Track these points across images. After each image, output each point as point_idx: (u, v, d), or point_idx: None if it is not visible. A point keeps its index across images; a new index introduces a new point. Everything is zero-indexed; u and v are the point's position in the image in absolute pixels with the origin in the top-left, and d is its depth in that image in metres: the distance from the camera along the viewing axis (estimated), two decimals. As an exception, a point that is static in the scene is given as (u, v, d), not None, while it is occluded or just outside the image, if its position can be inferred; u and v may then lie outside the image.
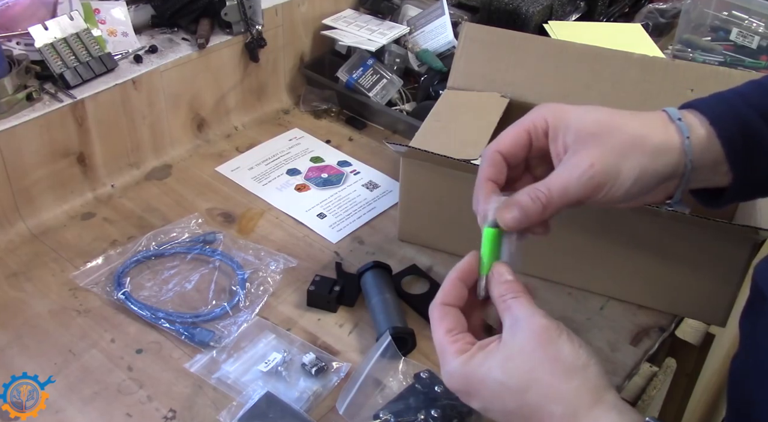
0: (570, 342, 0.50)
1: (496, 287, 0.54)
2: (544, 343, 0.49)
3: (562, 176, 0.54)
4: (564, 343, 0.49)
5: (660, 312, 0.89)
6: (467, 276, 0.56)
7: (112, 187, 1.07)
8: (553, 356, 0.49)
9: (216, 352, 0.81)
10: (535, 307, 0.52)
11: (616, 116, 0.55)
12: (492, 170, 0.57)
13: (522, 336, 0.50)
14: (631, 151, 0.53)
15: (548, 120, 0.56)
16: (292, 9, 1.25)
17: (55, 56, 0.98)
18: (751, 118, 0.54)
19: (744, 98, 0.56)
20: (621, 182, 0.53)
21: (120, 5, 1.08)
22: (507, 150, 0.57)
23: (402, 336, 0.80)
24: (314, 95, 1.28)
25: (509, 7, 1.29)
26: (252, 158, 1.16)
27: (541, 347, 0.49)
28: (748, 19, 1.33)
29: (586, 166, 0.53)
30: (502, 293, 0.53)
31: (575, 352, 0.49)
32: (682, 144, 0.53)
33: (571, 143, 0.54)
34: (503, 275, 0.55)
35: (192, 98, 1.15)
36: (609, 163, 0.53)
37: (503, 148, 0.57)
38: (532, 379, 0.49)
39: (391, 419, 0.72)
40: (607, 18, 1.45)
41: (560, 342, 0.49)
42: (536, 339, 0.50)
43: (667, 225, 0.82)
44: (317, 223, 1.02)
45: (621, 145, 0.53)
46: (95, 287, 0.89)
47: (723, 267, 0.83)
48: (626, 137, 0.53)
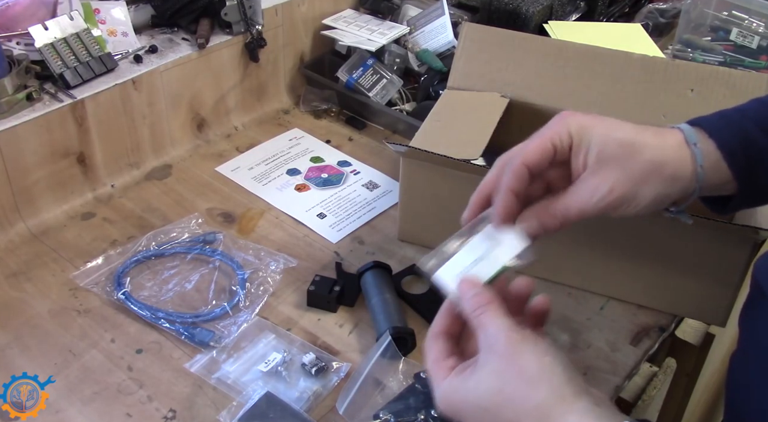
0: (534, 354, 0.50)
1: (466, 304, 0.54)
2: (510, 358, 0.50)
3: (582, 197, 0.57)
4: (528, 355, 0.50)
5: (660, 312, 0.89)
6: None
7: (112, 187, 1.07)
8: (518, 370, 0.49)
9: (216, 352, 0.81)
10: (503, 318, 0.52)
11: (638, 137, 0.57)
12: (517, 184, 0.58)
13: (491, 355, 0.51)
14: (649, 178, 0.56)
15: (572, 134, 0.57)
16: (292, 9, 1.25)
17: (55, 56, 0.98)
18: (752, 131, 0.57)
19: (743, 114, 0.59)
20: (635, 205, 0.57)
21: (120, 5, 1.08)
22: (533, 163, 0.58)
23: (402, 336, 0.81)
24: (314, 95, 1.28)
25: (509, 7, 1.29)
26: (252, 158, 1.16)
27: (507, 363, 0.50)
28: (748, 19, 1.33)
29: (605, 191, 0.56)
30: (471, 309, 0.53)
31: (539, 362, 0.49)
32: (695, 171, 0.57)
33: (592, 163, 0.57)
34: (470, 290, 0.55)
35: (192, 98, 1.15)
36: (627, 189, 0.56)
37: (530, 161, 0.58)
38: (503, 398, 0.49)
39: (391, 419, 0.72)
40: (607, 18, 1.45)
41: (524, 355, 0.50)
42: (502, 356, 0.50)
43: (667, 225, 0.82)
44: (317, 223, 1.02)
45: (641, 172, 0.56)
46: (95, 287, 0.89)
47: (723, 267, 0.83)
48: (646, 164, 0.56)
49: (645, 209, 0.57)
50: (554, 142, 0.58)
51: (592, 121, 0.58)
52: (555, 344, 0.52)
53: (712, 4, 1.35)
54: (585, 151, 0.57)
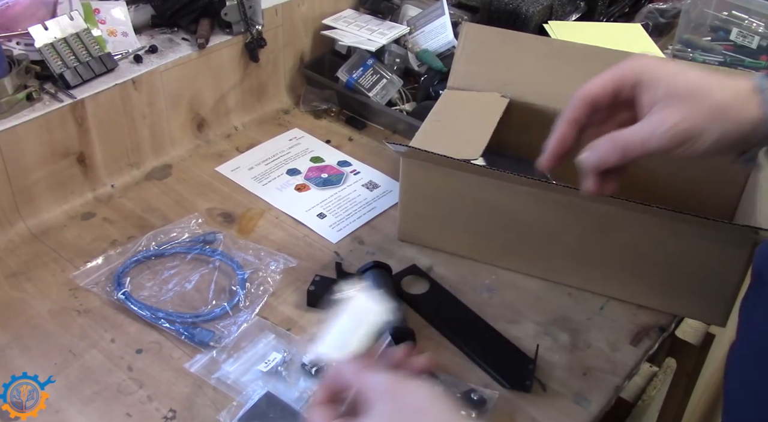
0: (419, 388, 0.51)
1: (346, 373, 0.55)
2: (397, 396, 0.51)
3: (646, 128, 0.56)
4: (413, 389, 0.51)
5: (660, 312, 0.89)
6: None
7: (112, 187, 1.07)
8: (406, 405, 0.50)
9: (216, 352, 0.81)
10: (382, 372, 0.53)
11: (706, 81, 0.57)
12: (574, 113, 0.59)
13: (378, 400, 0.51)
14: (716, 118, 0.56)
15: (639, 74, 0.58)
16: (292, 9, 1.25)
17: (55, 56, 0.98)
18: None
19: None
20: (701, 143, 0.56)
21: (120, 5, 1.08)
22: (594, 95, 0.59)
23: (402, 336, 0.80)
24: (314, 95, 1.28)
25: (509, 7, 1.29)
26: (252, 158, 1.16)
27: (394, 401, 0.51)
28: (748, 19, 1.33)
29: (671, 123, 0.56)
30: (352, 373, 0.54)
31: (426, 394, 0.51)
32: (762, 117, 0.56)
33: (660, 100, 0.57)
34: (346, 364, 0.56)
35: (192, 98, 1.15)
36: (693, 124, 0.55)
37: (590, 93, 0.59)
38: None
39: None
40: (607, 18, 1.45)
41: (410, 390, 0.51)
42: (389, 395, 0.51)
43: (667, 225, 0.82)
44: (317, 223, 1.02)
45: (708, 110, 0.56)
46: (95, 287, 0.89)
47: (723, 267, 0.83)
48: (714, 104, 0.56)
49: (709, 149, 0.56)
50: (618, 77, 0.59)
51: (661, 63, 0.59)
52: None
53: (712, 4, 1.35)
54: (653, 90, 0.57)
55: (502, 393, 0.77)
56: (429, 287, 0.91)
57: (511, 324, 0.86)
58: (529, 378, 0.78)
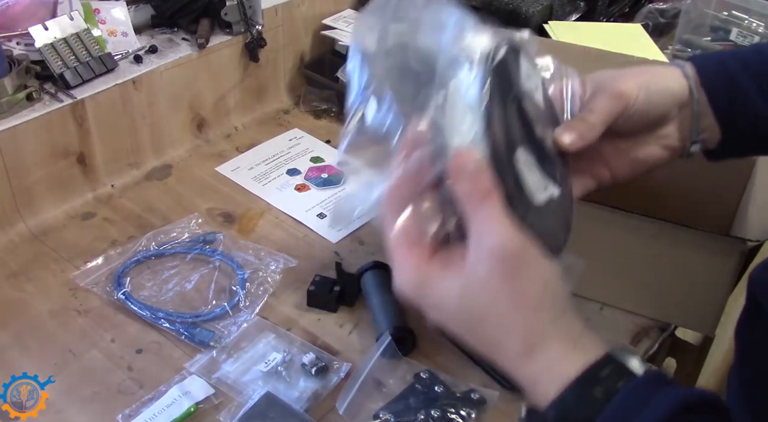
0: (538, 272, 0.46)
1: (459, 183, 0.46)
2: (509, 275, 0.45)
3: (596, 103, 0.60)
4: (530, 276, 0.45)
5: (655, 314, 0.89)
6: None
7: (112, 187, 1.07)
8: (516, 290, 0.45)
9: (216, 352, 0.81)
10: (502, 218, 0.45)
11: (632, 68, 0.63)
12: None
13: (485, 265, 0.45)
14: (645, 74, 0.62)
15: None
16: (292, 9, 1.25)
17: (55, 56, 0.98)
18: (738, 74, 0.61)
19: (737, 58, 0.62)
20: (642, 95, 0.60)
21: (120, 5, 1.08)
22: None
23: (402, 336, 0.81)
24: (314, 95, 1.28)
25: (509, 7, 1.29)
26: (252, 158, 1.16)
27: (504, 280, 0.45)
28: (748, 19, 1.33)
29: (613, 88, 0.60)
30: (466, 193, 0.45)
31: (543, 284, 0.46)
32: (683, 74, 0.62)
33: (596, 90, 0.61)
34: (467, 166, 0.45)
35: (192, 98, 1.15)
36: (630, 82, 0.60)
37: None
38: (490, 312, 0.45)
39: (391, 419, 0.72)
40: (607, 18, 1.45)
41: (526, 274, 0.45)
42: (500, 270, 0.45)
43: (657, 234, 0.82)
44: (317, 223, 1.02)
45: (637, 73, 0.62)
46: (95, 287, 0.89)
47: (712, 277, 0.82)
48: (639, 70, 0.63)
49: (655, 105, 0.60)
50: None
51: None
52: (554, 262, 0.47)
53: (712, 4, 1.35)
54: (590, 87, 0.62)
55: (502, 393, 0.77)
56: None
57: (511, 324, 0.86)
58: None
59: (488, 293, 0.45)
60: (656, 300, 0.88)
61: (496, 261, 0.44)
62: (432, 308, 0.47)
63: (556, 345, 0.45)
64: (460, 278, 0.46)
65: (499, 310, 0.45)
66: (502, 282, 0.45)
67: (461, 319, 0.47)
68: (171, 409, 0.73)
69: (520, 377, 0.46)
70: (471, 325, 0.47)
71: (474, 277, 0.45)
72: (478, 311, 0.46)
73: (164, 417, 0.73)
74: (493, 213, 0.45)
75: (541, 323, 0.45)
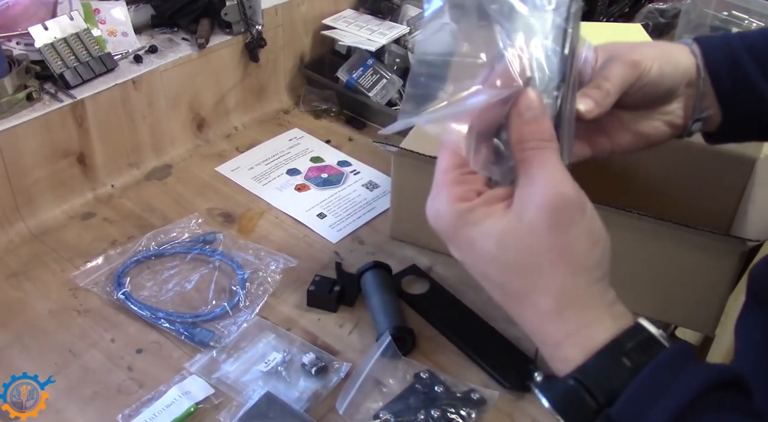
0: (587, 232, 0.43)
1: (516, 128, 0.44)
2: (558, 227, 0.42)
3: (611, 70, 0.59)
4: (580, 234, 0.43)
5: (655, 315, 0.89)
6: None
7: (112, 187, 1.07)
8: (562, 244, 0.42)
9: (216, 352, 0.81)
10: (558, 167, 0.43)
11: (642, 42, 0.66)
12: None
13: (534, 210, 0.42)
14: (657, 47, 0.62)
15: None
16: (292, 9, 1.25)
17: (55, 56, 0.98)
18: (743, 56, 0.61)
19: (743, 40, 0.62)
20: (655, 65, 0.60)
21: (120, 5, 1.08)
22: None
23: (402, 336, 0.81)
24: (314, 95, 1.28)
25: (509, 7, 1.29)
26: (252, 158, 1.16)
27: (552, 231, 0.42)
28: (748, 19, 1.33)
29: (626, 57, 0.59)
30: (522, 139, 0.43)
31: (589, 247, 0.43)
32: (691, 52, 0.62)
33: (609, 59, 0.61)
34: (529, 111, 0.43)
35: (192, 98, 1.15)
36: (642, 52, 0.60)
37: None
38: (529, 261, 0.43)
39: (391, 419, 0.72)
40: (607, 18, 1.45)
41: (577, 231, 0.43)
42: (550, 219, 0.42)
43: (657, 234, 0.82)
44: (317, 223, 1.02)
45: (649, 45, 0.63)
46: (95, 287, 0.89)
47: (712, 277, 0.83)
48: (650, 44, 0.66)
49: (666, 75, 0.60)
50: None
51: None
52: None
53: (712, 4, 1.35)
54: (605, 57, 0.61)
55: (502, 393, 0.77)
56: (429, 287, 0.91)
57: (511, 324, 0.86)
58: (529, 378, 0.78)
59: (531, 241, 0.42)
60: (656, 300, 0.87)
61: (548, 209, 0.42)
62: (464, 246, 0.45)
63: (590, 309, 0.43)
64: (504, 219, 0.43)
65: (538, 260, 0.43)
66: (549, 232, 0.42)
67: (494, 263, 0.44)
68: (171, 409, 0.73)
69: (544, 335, 0.44)
70: (503, 271, 0.44)
71: (518, 221, 0.43)
72: (515, 258, 0.43)
73: (164, 417, 0.73)
74: (552, 160, 0.43)
75: (577, 284, 0.43)
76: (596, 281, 0.44)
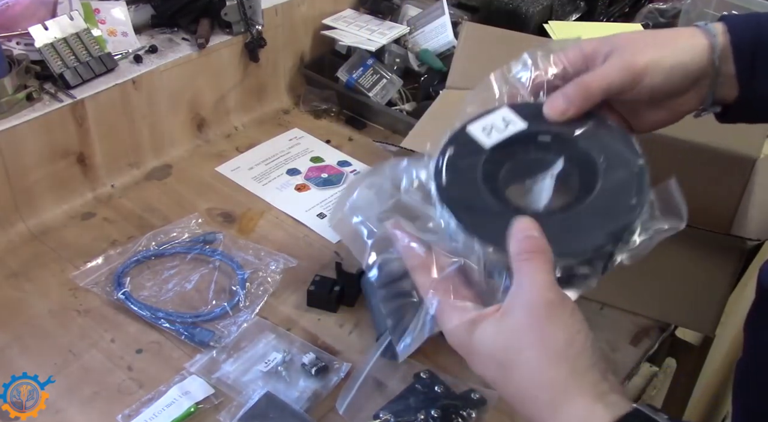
0: (566, 325, 0.47)
1: (515, 243, 0.49)
2: (540, 322, 0.46)
3: (604, 69, 0.58)
4: (559, 324, 0.46)
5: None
6: None
7: (112, 187, 1.07)
8: (546, 337, 0.46)
9: (216, 352, 0.81)
10: (545, 274, 0.48)
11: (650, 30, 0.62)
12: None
13: (520, 310, 0.47)
14: (666, 46, 0.59)
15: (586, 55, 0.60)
16: (292, 9, 1.25)
17: (55, 56, 0.98)
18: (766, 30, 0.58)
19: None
20: (657, 72, 0.58)
21: (120, 5, 1.08)
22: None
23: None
24: (314, 95, 1.28)
25: (509, 7, 1.29)
26: (252, 158, 1.16)
27: (535, 326, 0.46)
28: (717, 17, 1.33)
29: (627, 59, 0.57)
30: (517, 251, 0.49)
31: (569, 337, 0.46)
32: (710, 44, 0.58)
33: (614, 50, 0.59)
34: (525, 231, 0.50)
35: (192, 98, 1.15)
36: (647, 56, 0.58)
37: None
38: (519, 359, 0.46)
39: (391, 419, 0.72)
40: (607, 18, 1.45)
41: (557, 324, 0.46)
42: (532, 316, 0.47)
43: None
44: (317, 223, 1.02)
45: (657, 43, 0.59)
46: (95, 287, 0.89)
47: (712, 277, 0.82)
48: (660, 39, 0.60)
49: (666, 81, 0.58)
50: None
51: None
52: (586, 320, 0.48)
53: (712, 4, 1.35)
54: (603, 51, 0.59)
55: (502, 393, 0.77)
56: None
57: (511, 324, 0.86)
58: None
59: (517, 340, 0.46)
60: (656, 300, 0.87)
61: (529, 308, 0.47)
62: (472, 354, 0.49)
63: (581, 399, 0.45)
64: (495, 324, 0.48)
65: (526, 357, 0.46)
66: (530, 329, 0.46)
67: (494, 366, 0.48)
68: (171, 409, 0.73)
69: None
70: (502, 373, 0.47)
71: (506, 324, 0.47)
72: (507, 358, 0.47)
73: (164, 417, 0.73)
74: (536, 269, 0.48)
75: (561, 375, 0.46)
76: (583, 371, 0.46)
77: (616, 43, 0.59)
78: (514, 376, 0.47)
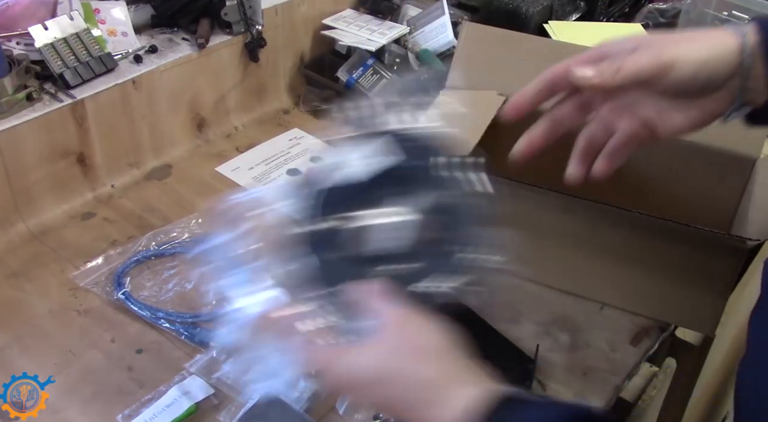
0: (424, 328, 0.51)
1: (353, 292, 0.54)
2: (399, 329, 0.51)
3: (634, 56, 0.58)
4: (417, 328, 0.51)
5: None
6: None
7: (112, 187, 1.07)
8: (407, 342, 0.50)
9: (216, 352, 0.81)
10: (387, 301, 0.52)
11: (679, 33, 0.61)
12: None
13: (380, 331, 0.51)
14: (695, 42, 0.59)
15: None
16: (292, 9, 1.25)
17: (55, 56, 0.98)
18: None
19: None
20: (687, 65, 0.57)
21: (120, 5, 1.08)
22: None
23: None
24: (314, 95, 1.28)
25: (509, 7, 1.29)
26: (252, 158, 1.16)
27: (395, 334, 0.50)
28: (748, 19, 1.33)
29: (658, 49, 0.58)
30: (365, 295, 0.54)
31: (429, 337, 0.51)
32: (740, 43, 0.58)
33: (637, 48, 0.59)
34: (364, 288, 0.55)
35: (192, 98, 1.15)
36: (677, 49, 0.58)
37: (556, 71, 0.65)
38: (394, 370, 0.49)
39: (391, 419, 0.72)
40: (607, 18, 1.45)
41: (414, 328, 0.51)
42: (391, 326, 0.51)
43: (657, 234, 0.82)
44: (317, 223, 1.02)
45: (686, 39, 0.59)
46: (95, 287, 0.89)
47: (712, 277, 0.82)
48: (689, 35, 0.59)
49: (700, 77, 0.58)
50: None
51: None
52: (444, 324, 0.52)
53: (712, 4, 1.35)
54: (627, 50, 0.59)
55: (502, 393, 0.77)
56: (429, 287, 0.90)
57: (511, 324, 0.86)
58: (529, 378, 0.78)
59: (387, 354, 0.50)
60: (656, 300, 0.87)
61: (386, 321, 0.51)
62: (354, 387, 0.51)
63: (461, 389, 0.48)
64: (361, 350, 0.51)
65: (399, 366, 0.49)
66: (393, 340, 0.50)
67: (378, 388, 0.50)
68: (171, 409, 0.73)
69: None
70: (386, 391, 0.49)
71: (373, 346, 0.50)
72: (385, 374, 0.49)
73: (164, 417, 0.73)
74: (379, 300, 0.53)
75: (431, 371, 0.49)
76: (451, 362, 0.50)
77: (642, 41, 0.59)
78: (397, 387, 0.49)
